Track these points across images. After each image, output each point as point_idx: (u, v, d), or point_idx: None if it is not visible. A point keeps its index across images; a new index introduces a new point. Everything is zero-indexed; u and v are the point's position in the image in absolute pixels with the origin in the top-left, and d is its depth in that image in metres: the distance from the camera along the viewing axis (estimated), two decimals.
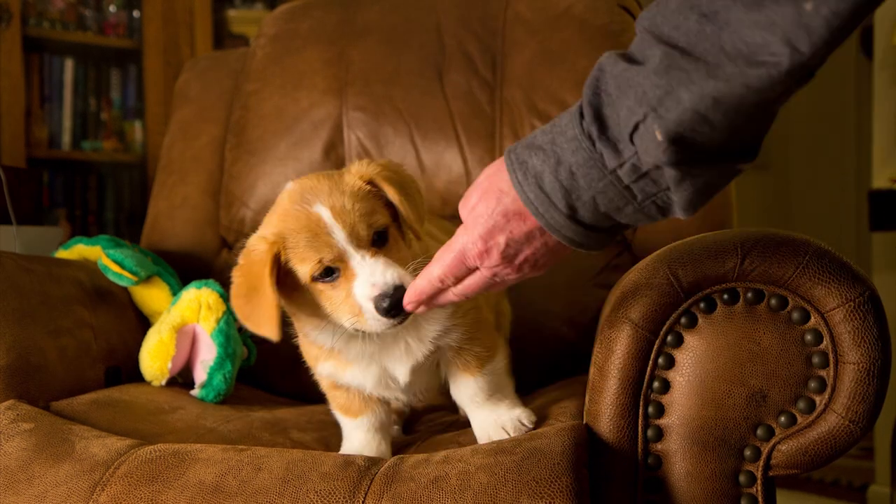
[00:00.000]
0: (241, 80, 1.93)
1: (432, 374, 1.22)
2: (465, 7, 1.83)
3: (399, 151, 1.77)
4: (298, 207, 1.06)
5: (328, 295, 1.06)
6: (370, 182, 1.08)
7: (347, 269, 1.05)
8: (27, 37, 2.81)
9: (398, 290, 1.02)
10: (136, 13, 3.07)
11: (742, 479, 1.04)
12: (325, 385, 1.24)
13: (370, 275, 1.03)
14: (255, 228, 1.91)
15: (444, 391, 1.26)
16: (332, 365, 1.18)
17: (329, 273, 1.05)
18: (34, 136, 2.87)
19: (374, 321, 1.04)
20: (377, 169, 1.10)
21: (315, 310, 1.09)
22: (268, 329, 1.05)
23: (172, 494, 1.02)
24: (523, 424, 1.15)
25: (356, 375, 1.17)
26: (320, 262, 1.04)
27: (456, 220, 1.75)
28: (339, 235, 1.04)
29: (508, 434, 1.13)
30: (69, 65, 2.97)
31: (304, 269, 1.05)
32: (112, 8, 3.06)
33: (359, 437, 1.22)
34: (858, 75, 4.20)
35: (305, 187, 1.08)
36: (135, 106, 3.10)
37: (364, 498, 0.99)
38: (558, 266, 1.62)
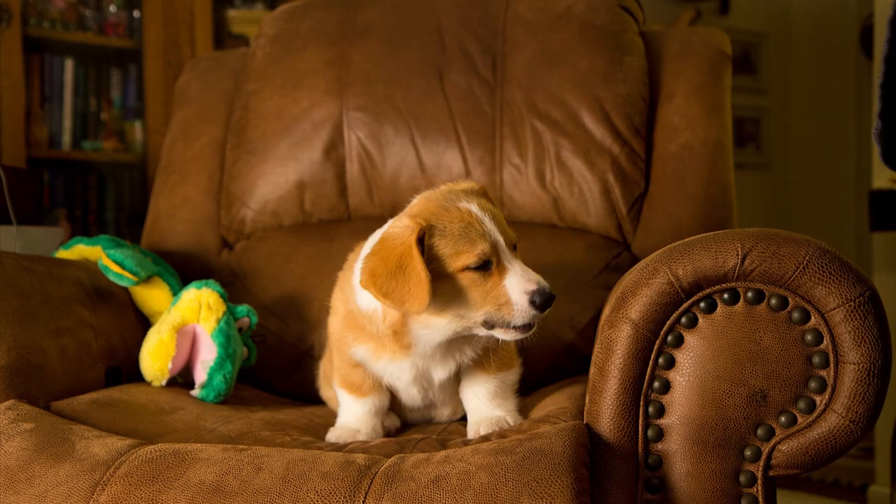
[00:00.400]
0: (241, 80, 1.93)
1: (454, 384, 1.30)
2: (466, 7, 1.83)
3: (399, 151, 1.77)
4: (445, 203, 1.14)
5: (477, 284, 1.12)
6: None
7: (500, 263, 1.12)
8: (27, 37, 2.80)
9: (550, 291, 1.12)
10: (136, 13, 3.07)
11: (742, 478, 1.04)
12: (340, 363, 1.31)
13: (524, 272, 1.12)
14: (255, 228, 1.91)
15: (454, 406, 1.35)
16: (367, 350, 1.24)
17: (483, 265, 1.12)
18: (34, 136, 2.87)
19: (522, 314, 1.12)
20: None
21: (445, 302, 1.14)
22: (418, 303, 1.11)
23: (173, 494, 1.02)
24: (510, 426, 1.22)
25: (392, 369, 1.25)
26: (480, 253, 1.11)
27: None
28: (493, 231, 1.11)
29: (493, 429, 1.21)
30: (69, 65, 2.97)
31: (457, 258, 1.11)
32: (112, 8, 3.06)
33: (357, 413, 1.30)
34: (858, 75, 4.20)
35: (441, 192, 1.17)
36: (135, 106, 3.10)
37: (364, 497, 0.99)
38: (559, 267, 1.63)
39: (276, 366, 1.68)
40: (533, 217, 1.71)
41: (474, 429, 1.23)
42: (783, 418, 1.03)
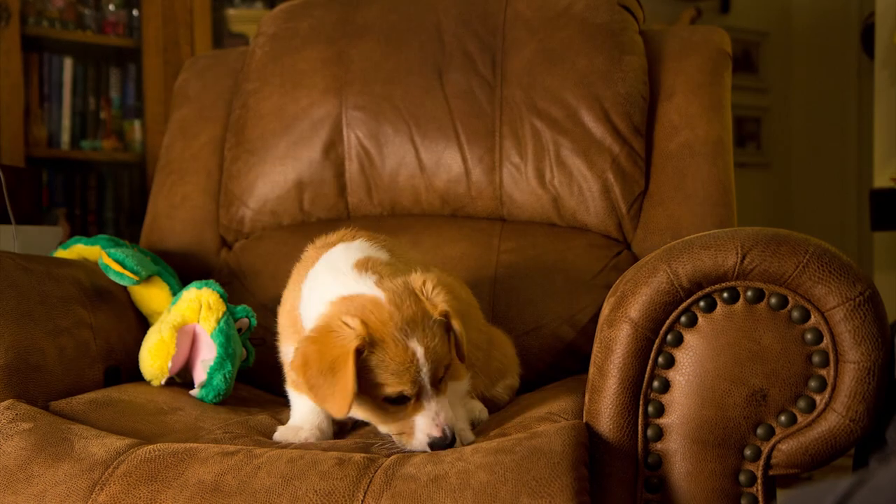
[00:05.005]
0: (240, 79, 1.93)
1: None
2: (465, 6, 1.82)
3: (398, 150, 1.77)
4: (396, 334, 1.12)
5: (390, 413, 1.14)
6: (443, 314, 1.15)
7: (418, 401, 1.12)
8: (26, 36, 2.80)
9: (452, 438, 1.12)
10: (135, 12, 3.06)
11: (742, 478, 1.04)
12: (284, 356, 1.30)
13: (437, 415, 1.12)
14: (254, 228, 1.89)
15: None
16: None
17: (400, 399, 1.12)
18: (33, 135, 2.86)
19: (419, 447, 1.12)
20: (447, 299, 1.15)
21: (359, 407, 1.15)
22: (337, 409, 1.12)
23: (171, 494, 1.02)
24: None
25: None
26: (401, 392, 1.11)
27: (456, 220, 1.76)
28: (425, 375, 1.11)
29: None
30: (68, 64, 2.97)
31: (381, 388, 1.11)
32: (111, 7, 3.06)
33: (301, 409, 1.29)
34: (859, 74, 4.20)
35: (405, 314, 1.13)
36: (134, 105, 3.09)
37: (364, 496, 0.99)
38: (559, 266, 1.63)
39: (276, 366, 1.67)
40: (533, 216, 1.71)
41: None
42: (783, 417, 1.03)
